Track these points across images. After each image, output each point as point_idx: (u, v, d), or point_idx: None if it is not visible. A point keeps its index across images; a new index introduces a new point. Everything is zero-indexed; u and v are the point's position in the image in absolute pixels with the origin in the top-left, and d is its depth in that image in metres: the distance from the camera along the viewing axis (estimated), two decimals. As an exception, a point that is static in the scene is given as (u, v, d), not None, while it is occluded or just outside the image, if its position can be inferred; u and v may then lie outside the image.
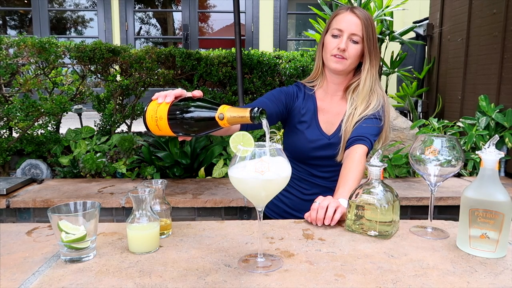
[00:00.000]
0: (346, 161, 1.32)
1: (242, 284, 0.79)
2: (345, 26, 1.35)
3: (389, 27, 3.43)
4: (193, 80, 3.01)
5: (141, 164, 2.80)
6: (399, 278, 0.82)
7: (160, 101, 0.97)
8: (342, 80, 1.45)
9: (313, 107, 1.47)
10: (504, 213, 0.88)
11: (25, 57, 2.64)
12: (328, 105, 1.48)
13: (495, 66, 2.99)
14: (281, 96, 1.44)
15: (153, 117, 0.98)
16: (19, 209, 2.36)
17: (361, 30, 1.35)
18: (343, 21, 1.36)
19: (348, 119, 1.41)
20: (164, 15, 6.94)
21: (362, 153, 1.30)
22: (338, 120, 1.46)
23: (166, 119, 0.96)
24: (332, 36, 1.38)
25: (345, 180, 1.26)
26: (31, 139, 2.76)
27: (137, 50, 2.97)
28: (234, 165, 0.84)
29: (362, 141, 1.33)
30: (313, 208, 1.12)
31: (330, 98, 1.49)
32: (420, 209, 2.38)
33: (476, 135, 2.84)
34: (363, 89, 1.40)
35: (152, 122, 0.99)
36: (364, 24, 1.35)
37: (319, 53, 1.46)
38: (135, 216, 0.95)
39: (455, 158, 1.00)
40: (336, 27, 1.37)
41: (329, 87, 1.48)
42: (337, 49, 1.35)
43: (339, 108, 1.47)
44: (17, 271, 0.85)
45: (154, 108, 0.98)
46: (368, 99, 1.42)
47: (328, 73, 1.46)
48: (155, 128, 0.99)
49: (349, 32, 1.35)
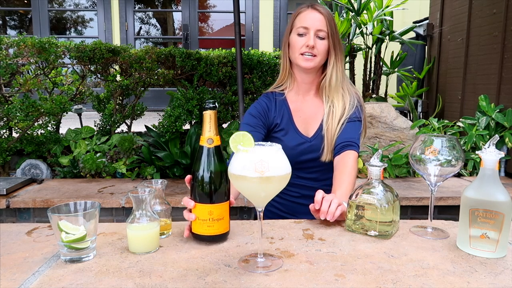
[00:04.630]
0: (339, 167, 1.33)
1: (242, 284, 0.79)
2: (310, 24, 1.36)
3: (389, 27, 3.43)
4: (193, 80, 3.01)
5: (141, 164, 2.80)
6: (399, 278, 0.81)
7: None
8: (312, 78, 1.45)
9: (287, 112, 1.46)
10: (504, 213, 0.88)
11: (25, 57, 2.64)
12: (302, 106, 1.47)
13: (495, 66, 2.99)
14: (259, 122, 1.43)
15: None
16: (19, 209, 2.36)
17: (325, 26, 1.36)
18: (307, 18, 1.37)
19: (329, 117, 1.41)
20: (164, 15, 6.94)
21: (354, 158, 1.33)
22: (316, 120, 1.45)
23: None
24: (298, 35, 1.38)
25: (339, 183, 1.27)
26: (31, 139, 2.76)
27: (137, 50, 2.96)
28: (234, 165, 0.84)
29: (351, 147, 1.35)
30: (317, 200, 1.11)
31: (303, 98, 1.48)
32: (420, 209, 2.38)
33: (476, 135, 2.83)
34: (335, 83, 1.41)
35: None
36: (328, 20, 1.37)
37: (285, 54, 1.45)
38: (135, 216, 0.95)
39: (455, 158, 1.00)
40: (301, 25, 1.37)
41: (301, 87, 1.47)
42: (306, 46, 1.36)
43: (315, 108, 1.46)
44: (17, 271, 0.85)
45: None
46: (342, 92, 1.43)
47: (298, 73, 1.45)
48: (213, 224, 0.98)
49: (315, 29, 1.36)
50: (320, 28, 1.36)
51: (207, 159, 0.97)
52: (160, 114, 2.94)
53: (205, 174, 0.96)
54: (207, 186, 0.96)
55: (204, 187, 0.96)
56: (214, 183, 0.96)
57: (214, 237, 0.97)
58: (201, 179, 0.96)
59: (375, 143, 2.91)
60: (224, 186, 0.97)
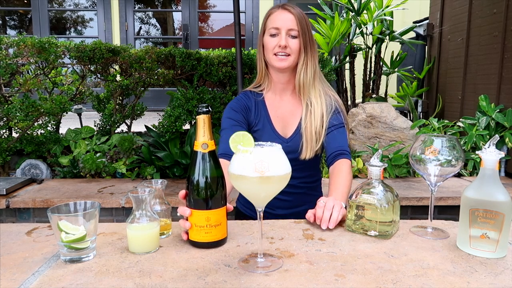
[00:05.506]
0: (334, 174, 1.34)
1: (242, 284, 0.79)
2: (281, 24, 1.38)
3: (389, 27, 3.43)
4: (193, 80, 3.01)
5: (141, 164, 2.80)
6: (399, 278, 0.81)
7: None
8: (288, 78, 1.46)
9: (264, 113, 1.47)
10: (504, 213, 0.88)
11: (25, 57, 2.64)
12: (279, 106, 1.49)
13: (495, 66, 2.99)
14: (241, 117, 1.44)
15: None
16: (19, 209, 2.36)
17: (296, 25, 1.38)
18: (278, 19, 1.39)
19: (307, 116, 1.42)
20: (164, 15, 6.94)
21: (348, 166, 1.35)
22: (294, 120, 1.46)
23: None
24: (270, 36, 1.40)
25: (336, 185, 1.28)
26: (31, 139, 2.76)
27: (137, 50, 2.96)
28: (234, 165, 0.84)
29: (344, 156, 1.37)
30: (319, 206, 1.12)
31: (280, 98, 1.49)
32: (420, 209, 2.38)
33: (476, 135, 2.83)
34: (307, 80, 1.42)
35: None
36: (298, 19, 1.38)
37: (260, 55, 1.47)
38: (135, 216, 0.95)
39: (455, 158, 1.00)
40: (272, 26, 1.39)
41: (277, 88, 1.49)
42: (279, 46, 1.37)
43: (292, 107, 1.48)
44: (17, 271, 0.85)
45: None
46: (320, 90, 1.44)
47: (274, 73, 1.47)
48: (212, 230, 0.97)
49: (286, 28, 1.37)
50: (291, 28, 1.38)
51: (203, 164, 0.96)
52: (160, 114, 2.94)
53: (200, 180, 0.95)
54: (203, 192, 0.95)
55: (200, 193, 0.95)
56: (211, 189, 0.95)
57: (212, 244, 0.96)
58: (197, 185, 0.95)
59: (375, 143, 2.91)
60: (220, 191, 0.97)
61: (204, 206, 0.95)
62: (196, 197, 0.96)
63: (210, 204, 0.95)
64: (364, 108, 2.97)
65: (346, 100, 3.59)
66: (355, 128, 2.96)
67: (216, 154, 0.99)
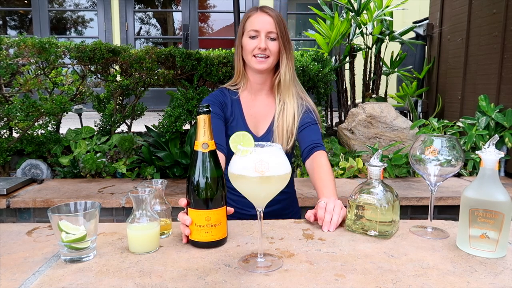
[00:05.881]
0: (316, 168, 1.36)
1: (242, 284, 0.79)
2: (261, 26, 1.40)
3: (389, 27, 3.43)
4: (193, 80, 3.01)
5: (141, 164, 2.80)
6: (399, 278, 0.82)
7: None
8: (265, 79, 1.49)
9: (239, 111, 1.50)
10: (504, 213, 0.88)
11: (25, 57, 2.64)
12: (254, 105, 1.52)
13: (495, 66, 2.99)
14: (220, 111, 1.46)
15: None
16: (19, 209, 2.36)
17: (275, 28, 1.41)
18: (257, 21, 1.41)
19: (280, 115, 1.45)
20: (164, 15, 6.94)
21: (325, 157, 1.39)
22: (267, 119, 1.50)
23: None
24: (249, 37, 1.42)
25: (323, 183, 1.30)
26: (31, 139, 2.76)
27: (137, 50, 2.96)
28: (234, 165, 0.85)
29: (319, 148, 1.42)
30: (320, 207, 1.12)
31: (255, 97, 1.52)
32: (420, 209, 2.38)
33: (476, 135, 2.83)
34: (288, 82, 1.46)
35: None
36: (277, 21, 1.41)
37: (238, 56, 1.49)
38: (135, 216, 0.95)
39: (455, 158, 1.01)
40: (251, 28, 1.41)
41: (253, 87, 1.52)
42: (258, 49, 1.40)
43: (266, 107, 1.51)
44: (17, 271, 0.85)
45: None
46: (293, 91, 1.48)
47: (252, 74, 1.49)
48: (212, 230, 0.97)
49: (266, 31, 1.40)
50: (271, 30, 1.40)
51: (203, 164, 0.96)
52: (160, 114, 2.94)
53: (201, 179, 0.96)
54: (204, 191, 0.95)
55: (200, 193, 0.95)
56: (211, 189, 0.96)
57: (212, 244, 0.97)
58: (197, 185, 0.96)
59: (375, 143, 2.91)
60: (220, 191, 0.97)
61: (204, 206, 0.95)
62: (197, 197, 0.96)
63: (210, 204, 0.95)
64: (364, 108, 2.97)
65: (346, 100, 3.59)
66: (355, 128, 2.96)
67: (217, 154, 0.99)
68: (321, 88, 3.16)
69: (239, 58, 1.49)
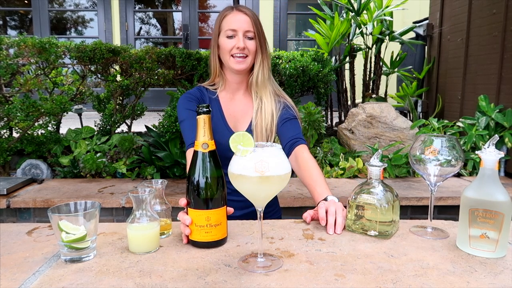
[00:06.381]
0: (302, 164, 1.36)
1: (242, 284, 0.79)
2: (238, 26, 1.40)
3: (389, 27, 3.43)
4: (193, 80, 3.01)
5: (141, 164, 2.80)
6: (399, 278, 0.82)
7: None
8: (242, 78, 1.50)
9: (218, 111, 1.50)
10: (504, 213, 0.88)
11: (26, 57, 2.64)
12: (232, 104, 1.52)
13: (495, 66, 2.99)
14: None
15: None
16: (19, 209, 2.36)
17: (252, 27, 1.41)
18: (234, 21, 1.41)
19: (258, 112, 1.46)
20: (164, 15, 6.94)
21: (307, 151, 1.40)
22: (246, 118, 1.50)
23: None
24: (227, 37, 1.41)
25: (315, 180, 1.30)
26: (31, 139, 2.76)
27: (137, 50, 2.96)
28: (234, 165, 0.85)
29: (300, 141, 1.42)
30: (320, 207, 1.12)
31: (233, 97, 1.53)
32: (420, 209, 2.38)
33: (476, 135, 2.84)
34: (262, 80, 1.46)
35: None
36: (253, 20, 1.42)
37: (214, 56, 1.48)
38: (135, 216, 0.95)
39: (455, 158, 1.01)
40: (228, 28, 1.41)
41: (231, 87, 1.52)
42: (236, 48, 1.40)
43: (244, 106, 1.51)
44: (18, 271, 0.85)
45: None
46: (270, 89, 1.49)
47: (229, 74, 1.49)
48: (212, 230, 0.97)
49: (243, 30, 1.40)
50: (248, 29, 1.40)
51: (203, 164, 0.96)
52: (160, 114, 2.94)
53: (201, 179, 0.96)
54: (204, 191, 0.96)
55: (200, 193, 0.96)
56: (211, 189, 0.96)
57: (212, 243, 0.97)
58: (197, 185, 0.96)
59: (375, 143, 2.91)
60: (220, 191, 0.97)
61: (204, 206, 0.95)
62: (197, 197, 0.96)
63: (210, 204, 0.96)
64: (364, 108, 2.97)
65: (346, 100, 3.59)
66: (355, 128, 2.96)
67: (217, 154, 0.99)
68: (321, 88, 3.15)
69: (215, 58, 1.48)
